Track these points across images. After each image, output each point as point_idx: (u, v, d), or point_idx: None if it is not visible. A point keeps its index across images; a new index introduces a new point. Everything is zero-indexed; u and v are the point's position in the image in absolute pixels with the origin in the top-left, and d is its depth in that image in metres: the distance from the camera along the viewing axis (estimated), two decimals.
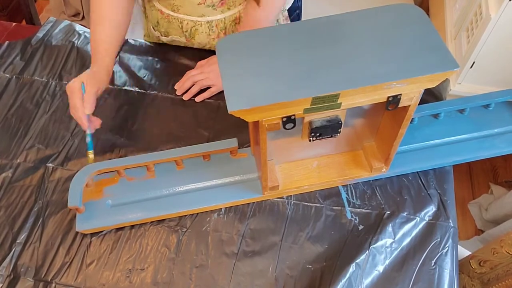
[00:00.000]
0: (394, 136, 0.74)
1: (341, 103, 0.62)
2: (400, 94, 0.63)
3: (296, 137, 0.77)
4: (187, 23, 0.97)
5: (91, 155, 0.82)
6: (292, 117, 0.63)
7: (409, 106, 0.66)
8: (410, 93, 0.64)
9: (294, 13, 1.13)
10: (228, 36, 0.66)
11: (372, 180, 0.86)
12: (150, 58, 1.08)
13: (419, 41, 0.62)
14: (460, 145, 0.87)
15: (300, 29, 0.65)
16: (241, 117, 0.60)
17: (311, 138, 0.71)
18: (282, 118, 0.63)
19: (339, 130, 0.70)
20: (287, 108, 0.61)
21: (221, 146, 0.84)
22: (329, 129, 0.69)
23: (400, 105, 0.65)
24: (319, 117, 0.68)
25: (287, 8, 1.07)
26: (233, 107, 0.58)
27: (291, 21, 1.12)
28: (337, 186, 0.85)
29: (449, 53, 0.61)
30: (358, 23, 0.65)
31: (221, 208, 0.83)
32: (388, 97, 0.63)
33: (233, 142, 0.84)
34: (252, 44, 0.64)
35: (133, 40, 1.11)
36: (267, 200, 0.84)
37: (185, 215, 0.83)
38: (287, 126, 0.64)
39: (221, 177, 0.85)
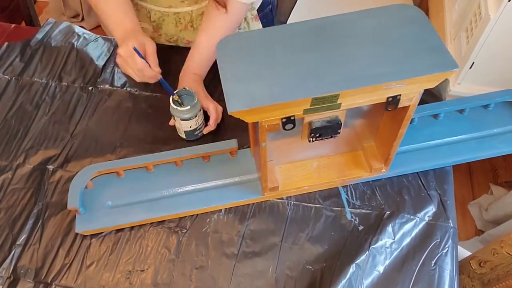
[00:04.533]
0: (394, 137, 0.74)
1: (340, 103, 0.62)
2: (400, 95, 0.63)
3: (296, 137, 0.77)
4: (155, 13, 0.97)
5: (176, 97, 0.84)
6: (292, 118, 0.63)
7: (409, 106, 0.66)
8: (409, 93, 0.64)
9: (266, 8, 1.12)
10: (227, 37, 0.66)
11: (372, 181, 0.86)
12: None
13: (418, 41, 0.62)
14: (460, 146, 0.87)
15: (300, 29, 0.65)
16: (240, 118, 0.60)
17: (311, 139, 0.71)
18: (282, 119, 0.63)
19: (339, 131, 0.70)
20: (286, 108, 0.61)
21: (221, 147, 0.84)
22: (329, 129, 0.69)
23: (400, 105, 0.65)
24: (319, 118, 0.68)
25: (256, 7, 1.06)
26: (233, 108, 0.58)
27: (263, 17, 1.10)
28: (337, 187, 0.85)
29: (449, 54, 0.61)
30: (357, 23, 0.65)
31: (221, 209, 0.83)
32: (388, 98, 0.63)
33: (232, 143, 0.84)
34: (251, 45, 0.64)
35: None
36: (267, 201, 0.84)
37: (185, 216, 0.83)
38: (287, 126, 0.64)
39: (221, 178, 0.85)
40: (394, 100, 0.64)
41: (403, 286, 0.75)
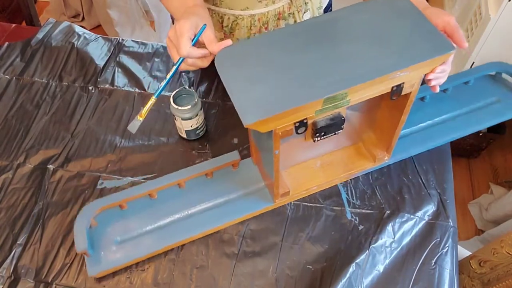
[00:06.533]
0: (395, 124, 0.75)
1: (350, 99, 0.63)
2: (403, 83, 0.65)
3: (298, 139, 0.76)
4: (228, 17, 0.94)
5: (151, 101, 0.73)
6: (305, 121, 0.63)
7: (410, 92, 0.68)
8: (411, 80, 0.66)
9: (328, 10, 1.11)
10: (226, 49, 0.65)
11: (372, 180, 0.86)
12: (150, 58, 1.08)
13: (414, 29, 0.64)
14: (451, 123, 0.90)
15: (295, 31, 0.65)
16: (256, 129, 0.59)
17: (316, 138, 0.71)
18: (295, 123, 0.63)
19: (342, 127, 0.71)
20: (299, 112, 0.61)
21: (223, 161, 0.82)
22: (333, 127, 0.69)
23: (403, 92, 0.67)
24: (322, 117, 0.68)
25: (323, 7, 1.05)
26: (248, 120, 0.56)
27: None
28: (338, 187, 0.85)
29: (444, 37, 0.63)
30: (351, 19, 0.66)
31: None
32: (392, 87, 0.65)
33: (234, 155, 0.82)
34: (251, 53, 0.63)
35: (133, 40, 1.11)
36: None
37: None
38: (299, 130, 0.64)
39: (228, 192, 0.83)
40: (398, 89, 0.66)
41: (403, 285, 0.75)
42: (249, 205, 0.81)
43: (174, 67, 0.68)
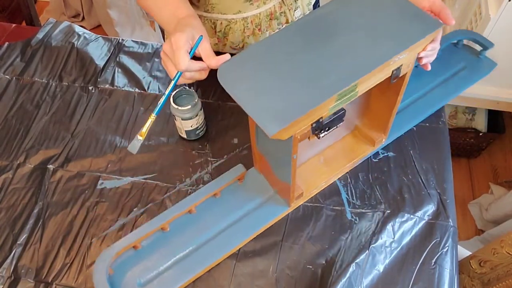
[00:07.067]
0: (391, 105, 0.77)
1: (358, 90, 0.64)
2: (402, 65, 0.67)
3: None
4: (221, 22, 0.93)
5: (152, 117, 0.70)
6: (320, 120, 0.63)
7: (406, 73, 0.70)
8: (408, 61, 0.68)
9: (316, 5, 1.11)
10: (226, 63, 0.64)
11: (372, 180, 0.86)
12: (150, 58, 1.08)
13: (401, 14, 0.66)
14: (431, 95, 0.95)
15: (292, 32, 0.65)
16: (278, 138, 0.58)
17: (321, 135, 0.71)
18: (312, 124, 0.63)
19: (343, 118, 0.71)
20: (316, 113, 0.61)
21: (229, 177, 0.80)
22: (336, 120, 0.69)
23: (401, 74, 0.69)
24: None
25: (312, 3, 1.05)
26: (273, 130, 0.56)
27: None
28: (338, 187, 0.85)
29: (430, 16, 0.66)
30: (342, 12, 0.66)
31: None
32: (393, 71, 0.66)
33: (239, 169, 0.81)
34: (253, 62, 0.63)
35: (133, 40, 1.11)
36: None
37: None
38: (316, 130, 0.65)
39: (241, 207, 0.81)
40: (397, 72, 0.67)
41: (403, 285, 0.75)
42: (266, 215, 0.80)
43: (172, 82, 0.66)
